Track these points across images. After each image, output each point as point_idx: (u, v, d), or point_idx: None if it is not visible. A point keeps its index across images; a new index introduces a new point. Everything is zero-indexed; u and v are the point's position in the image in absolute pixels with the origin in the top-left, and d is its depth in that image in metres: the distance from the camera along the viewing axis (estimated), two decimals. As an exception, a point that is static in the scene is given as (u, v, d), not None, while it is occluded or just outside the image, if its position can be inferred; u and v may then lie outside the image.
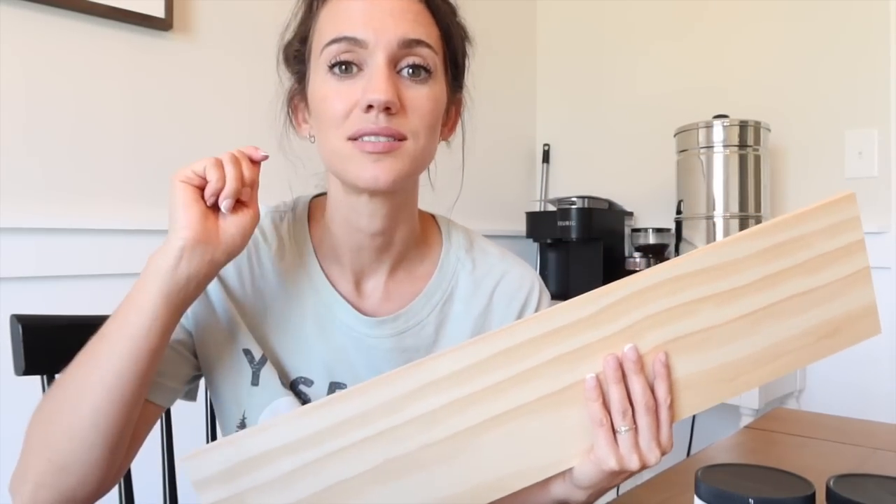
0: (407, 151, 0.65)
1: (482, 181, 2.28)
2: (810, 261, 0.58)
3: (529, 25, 2.52)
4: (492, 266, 0.79)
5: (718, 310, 0.58)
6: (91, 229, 1.34)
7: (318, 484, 0.56)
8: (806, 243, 0.58)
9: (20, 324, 0.80)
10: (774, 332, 0.59)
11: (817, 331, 0.59)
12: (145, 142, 1.45)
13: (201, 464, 0.55)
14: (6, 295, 1.23)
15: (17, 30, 1.27)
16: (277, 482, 0.55)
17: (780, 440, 0.99)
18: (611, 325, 0.57)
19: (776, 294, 0.58)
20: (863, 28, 1.86)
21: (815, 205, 0.58)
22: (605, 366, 0.57)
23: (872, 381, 1.85)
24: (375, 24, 0.64)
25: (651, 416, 0.58)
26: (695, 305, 0.57)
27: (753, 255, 0.57)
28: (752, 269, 0.57)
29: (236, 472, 0.55)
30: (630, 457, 0.58)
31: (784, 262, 0.58)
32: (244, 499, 0.55)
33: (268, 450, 0.55)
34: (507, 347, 0.56)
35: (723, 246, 0.57)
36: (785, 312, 0.58)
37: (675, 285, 0.57)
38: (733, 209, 1.82)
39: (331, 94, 0.65)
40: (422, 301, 0.75)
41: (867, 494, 0.50)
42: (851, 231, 0.59)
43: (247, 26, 1.60)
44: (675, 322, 0.58)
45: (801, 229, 0.58)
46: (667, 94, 2.21)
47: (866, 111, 1.85)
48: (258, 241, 0.74)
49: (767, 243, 0.57)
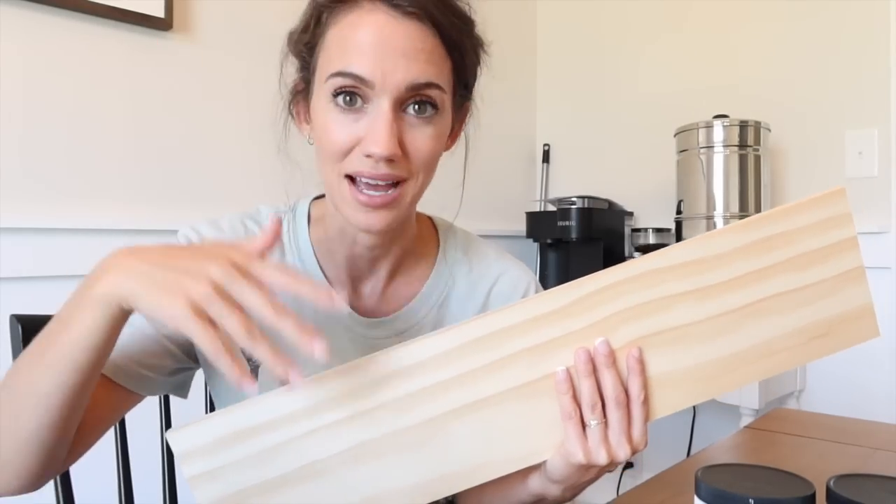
0: (404, 195, 0.65)
1: (482, 181, 2.28)
2: (798, 257, 0.56)
3: (529, 25, 2.52)
4: (488, 267, 0.80)
5: (699, 305, 0.56)
6: (90, 229, 1.34)
7: (294, 462, 0.57)
8: (793, 239, 0.56)
9: (20, 324, 0.80)
10: (760, 330, 0.57)
11: (808, 331, 0.57)
12: (145, 141, 1.45)
13: (185, 437, 0.56)
14: (6, 295, 1.23)
15: (17, 30, 1.27)
16: (255, 458, 0.57)
17: (780, 440, 0.99)
18: (584, 318, 0.56)
19: (761, 291, 0.56)
20: (863, 28, 1.86)
21: (804, 200, 0.56)
22: (575, 359, 0.56)
23: (872, 381, 1.85)
24: (386, 66, 0.61)
25: (622, 411, 0.57)
26: (673, 300, 0.56)
27: (737, 249, 0.55)
28: (734, 264, 0.55)
29: (217, 446, 0.56)
30: (598, 451, 0.58)
31: (770, 257, 0.56)
32: (224, 473, 0.57)
33: (247, 426, 0.56)
34: (480, 336, 0.56)
35: (704, 240, 0.56)
36: (771, 310, 0.56)
37: (653, 279, 0.55)
38: (733, 209, 1.82)
39: (332, 127, 0.64)
40: (419, 302, 0.76)
41: (867, 494, 0.50)
42: (842, 228, 0.56)
43: (247, 26, 1.60)
44: (652, 317, 0.56)
45: (788, 224, 0.56)
46: (667, 93, 2.21)
47: (866, 111, 1.85)
48: None
49: (752, 238, 0.56)
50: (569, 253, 2.22)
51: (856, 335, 0.58)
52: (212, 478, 0.57)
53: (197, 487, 0.57)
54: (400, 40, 0.62)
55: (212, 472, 0.57)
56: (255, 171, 1.59)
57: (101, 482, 1.04)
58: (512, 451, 0.59)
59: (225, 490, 0.57)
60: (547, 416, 0.58)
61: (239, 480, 0.57)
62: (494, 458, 0.59)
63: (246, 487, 0.57)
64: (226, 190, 1.57)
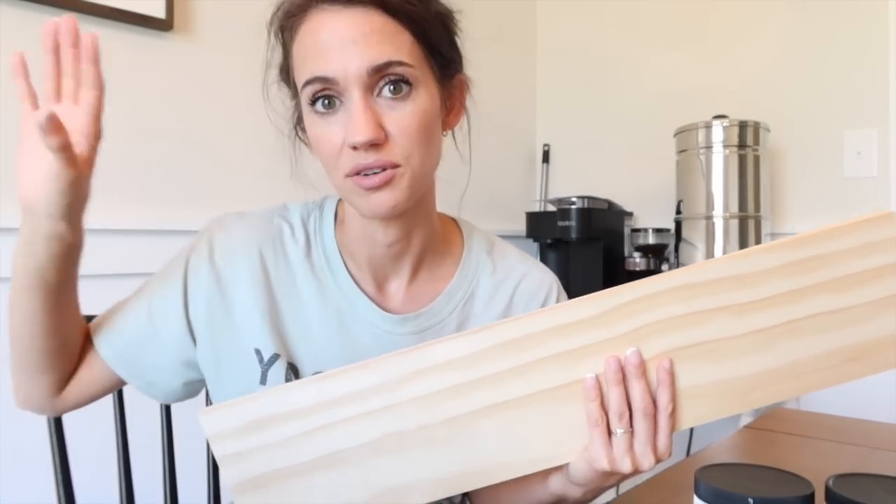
0: (403, 177, 0.65)
1: (482, 181, 2.28)
2: (837, 280, 0.55)
3: (529, 25, 2.52)
4: (512, 268, 0.81)
5: (733, 322, 0.56)
6: (90, 229, 1.33)
7: (320, 449, 0.59)
8: (833, 260, 0.55)
9: (21, 324, 0.80)
10: (793, 350, 0.56)
11: (841, 353, 0.57)
12: (146, 142, 1.45)
13: (217, 419, 0.59)
14: (6, 295, 1.23)
15: (17, 30, 1.27)
16: (283, 443, 0.59)
17: (780, 440, 0.99)
18: (617, 327, 0.56)
19: (797, 311, 0.56)
20: (862, 29, 1.86)
21: (849, 221, 0.55)
22: (606, 367, 0.57)
23: (872, 381, 1.84)
24: (342, 59, 0.63)
25: (649, 422, 0.58)
26: (707, 315, 0.56)
27: (776, 268, 0.55)
28: (772, 282, 0.55)
29: (247, 429, 0.59)
30: (623, 460, 0.58)
31: (809, 278, 0.55)
32: (252, 455, 0.59)
33: (276, 413, 0.59)
34: (511, 338, 0.57)
35: (743, 257, 0.55)
36: (805, 331, 0.56)
37: (689, 293, 0.56)
38: (733, 209, 1.82)
39: (319, 135, 0.66)
40: (443, 300, 0.77)
41: (867, 494, 0.50)
42: (885, 252, 0.55)
43: (247, 27, 1.60)
44: (685, 330, 0.56)
45: (830, 246, 0.55)
46: (666, 94, 2.21)
47: (865, 111, 1.86)
48: (286, 236, 0.76)
49: (792, 258, 0.55)
50: (569, 253, 2.22)
51: (883, 363, 0.57)
52: (240, 459, 0.59)
53: (226, 467, 0.59)
54: (347, 30, 0.63)
55: (240, 454, 0.59)
56: (256, 171, 1.59)
57: (101, 482, 1.04)
58: (536, 453, 0.60)
59: (251, 471, 0.59)
60: (573, 420, 0.59)
61: (266, 463, 0.59)
62: (518, 458, 0.59)
63: (272, 470, 0.59)
64: (226, 190, 1.57)
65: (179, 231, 1.45)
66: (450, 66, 0.72)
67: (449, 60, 0.71)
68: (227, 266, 0.73)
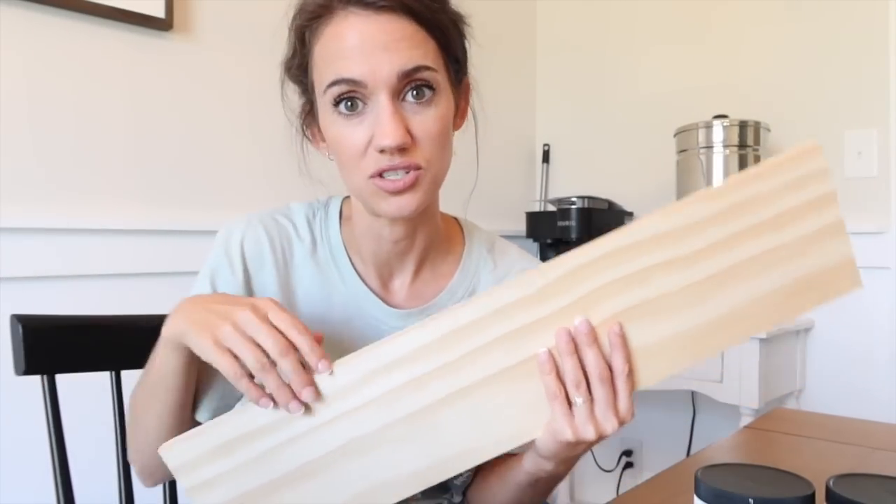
0: (425, 180, 0.67)
1: (482, 181, 2.27)
2: (774, 218, 0.55)
3: (529, 25, 2.51)
4: (512, 265, 0.83)
5: (676, 275, 0.55)
6: (91, 229, 1.34)
7: (287, 464, 0.59)
8: (767, 200, 0.55)
9: (20, 324, 0.80)
10: (740, 293, 0.56)
11: (789, 288, 0.56)
12: (146, 142, 1.45)
13: (178, 451, 0.59)
14: (7, 295, 1.23)
15: (17, 30, 1.26)
16: (249, 464, 0.59)
17: (780, 440, 0.99)
18: (562, 298, 0.57)
19: (737, 255, 0.55)
20: (862, 29, 1.86)
21: (777, 158, 0.55)
22: (557, 339, 0.58)
23: (872, 381, 1.85)
24: (372, 62, 0.63)
25: (607, 387, 0.58)
26: (650, 272, 0.55)
27: (710, 217, 0.55)
28: (709, 231, 0.55)
29: (211, 456, 0.59)
30: (585, 427, 0.59)
31: (745, 221, 0.55)
32: (220, 481, 0.59)
33: (241, 433, 0.59)
34: (460, 325, 0.57)
35: (677, 211, 0.55)
36: (750, 273, 0.55)
37: (628, 254, 0.55)
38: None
39: (342, 136, 0.66)
40: (446, 296, 0.79)
41: (867, 494, 0.50)
42: (819, 184, 0.55)
43: (247, 26, 1.60)
44: (631, 290, 0.56)
45: (762, 186, 0.55)
46: (667, 94, 2.21)
47: (866, 111, 1.86)
48: (291, 237, 0.77)
49: (725, 204, 0.55)
50: (569, 253, 2.22)
51: (837, 289, 0.57)
52: (209, 487, 0.59)
53: (196, 498, 0.59)
54: (379, 35, 0.64)
55: (209, 482, 0.59)
56: (257, 171, 1.59)
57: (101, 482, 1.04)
58: (502, 433, 0.60)
59: (224, 497, 0.59)
60: (533, 396, 0.59)
61: (235, 487, 0.59)
62: (485, 442, 0.60)
63: (243, 493, 0.59)
64: (227, 190, 1.57)
65: (179, 231, 1.45)
66: (461, 70, 0.74)
67: (461, 65, 0.74)
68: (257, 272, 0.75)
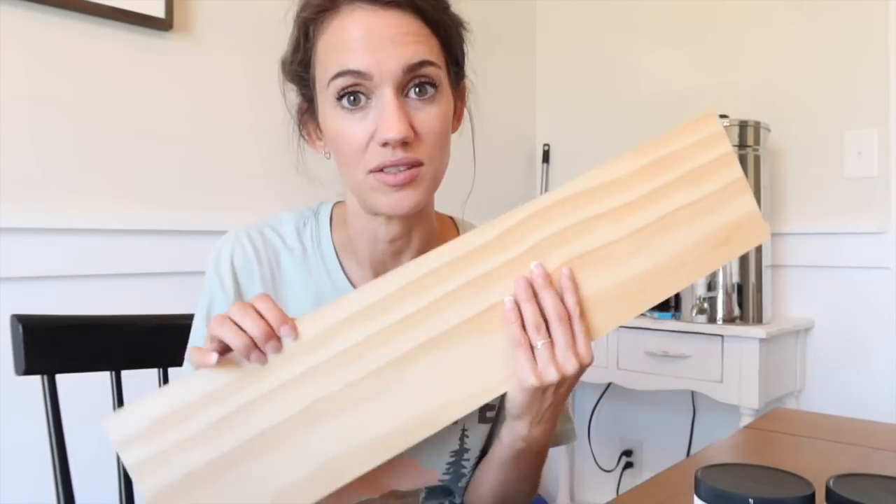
0: (425, 177, 0.67)
1: (482, 181, 2.27)
2: (688, 174, 0.64)
3: (529, 25, 2.51)
4: None
5: (613, 226, 0.62)
6: (91, 229, 1.34)
7: (244, 433, 0.55)
8: (679, 158, 0.64)
9: (20, 324, 0.80)
10: (671, 243, 0.63)
11: (710, 239, 0.64)
12: (146, 141, 1.45)
13: (122, 421, 0.54)
14: (7, 295, 1.23)
15: (18, 30, 1.26)
16: (203, 434, 0.54)
17: (780, 440, 0.99)
18: (514, 248, 0.61)
19: (664, 207, 0.63)
20: (862, 29, 1.86)
21: (678, 126, 0.65)
22: (516, 286, 0.60)
23: (872, 381, 1.85)
24: (378, 55, 0.64)
25: (565, 326, 0.61)
26: (590, 223, 0.62)
27: (634, 172, 0.63)
28: (635, 185, 0.63)
29: (160, 427, 0.54)
30: (548, 370, 0.61)
31: (665, 177, 0.63)
32: (169, 456, 0.54)
33: (191, 401, 0.54)
34: (417, 277, 0.59)
35: (605, 167, 0.63)
36: (678, 223, 0.63)
37: (568, 205, 0.62)
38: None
39: (344, 130, 0.66)
40: None
41: (867, 494, 0.50)
42: (718, 145, 0.64)
43: (247, 26, 1.60)
44: (575, 240, 0.62)
45: (671, 146, 0.64)
46: (667, 93, 2.21)
47: (866, 111, 1.85)
48: (279, 249, 0.77)
49: (645, 161, 0.63)
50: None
51: (750, 239, 0.65)
52: (156, 463, 0.54)
53: (140, 477, 0.54)
54: (386, 29, 0.65)
55: (156, 457, 0.54)
56: (257, 171, 1.59)
57: (101, 482, 1.04)
58: (466, 390, 0.60)
59: (172, 475, 0.54)
60: (496, 349, 0.61)
61: (186, 462, 0.54)
62: (450, 399, 0.60)
63: (194, 469, 0.54)
64: (227, 190, 1.57)
65: (179, 231, 1.45)
66: (460, 72, 0.74)
67: (460, 67, 0.74)
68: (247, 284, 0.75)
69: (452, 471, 0.79)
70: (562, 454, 2.33)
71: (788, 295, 1.99)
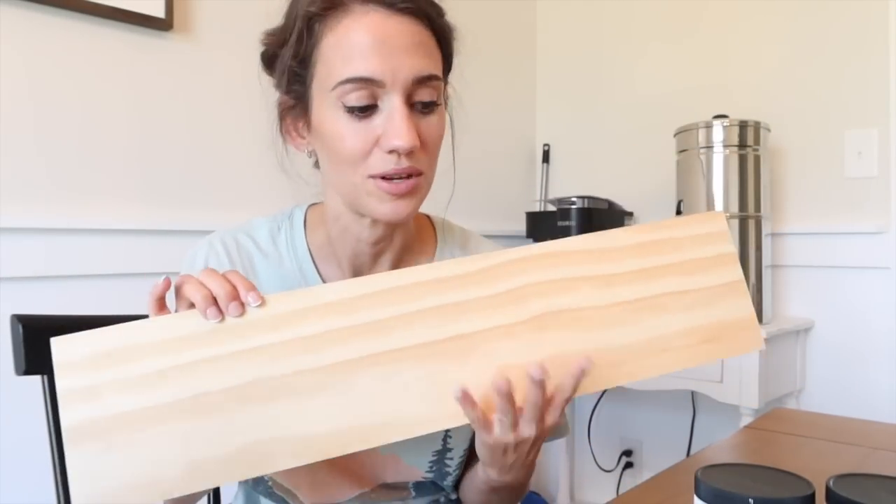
0: (422, 186, 0.68)
1: (482, 181, 2.28)
2: (684, 263, 0.63)
3: (529, 25, 2.51)
4: None
5: (599, 291, 0.61)
6: (92, 229, 1.34)
7: (181, 391, 0.54)
8: (678, 245, 0.63)
9: (20, 324, 0.80)
10: (655, 325, 0.62)
11: (697, 333, 0.62)
12: (146, 141, 1.45)
13: (69, 344, 0.54)
14: (9, 295, 1.23)
15: (18, 30, 1.26)
16: (139, 380, 0.53)
17: (780, 440, 0.99)
18: (495, 286, 0.60)
19: (652, 288, 0.62)
20: (862, 28, 1.86)
21: (684, 216, 0.64)
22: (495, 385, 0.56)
23: (872, 381, 1.85)
24: (393, 63, 0.63)
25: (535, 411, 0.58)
26: (576, 283, 0.61)
27: (630, 246, 0.62)
28: (628, 259, 0.62)
29: (102, 362, 0.53)
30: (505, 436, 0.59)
31: (659, 258, 0.62)
32: (101, 391, 0.53)
33: (139, 343, 0.54)
34: (395, 286, 0.58)
35: (602, 234, 0.63)
36: (664, 307, 0.62)
37: (558, 259, 0.61)
38: (733, 209, 1.82)
39: (348, 134, 0.65)
40: None
41: (867, 494, 0.50)
42: (721, 243, 0.64)
43: (247, 26, 1.60)
44: (558, 295, 0.60)
45: (672, 232, 0.63)
46: (667, 94, 2.21)
47: (866, 111, 1.85)
48: (253, 254, 0.77)
49: (643, 238, 0.63)
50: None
51: (742, 345, 0.63)
52: (86, 395, 0.53)
53: (67, 405, 0.53)
54: (399, 37, 0.64)
55: (88, 389, 0.53)
56: (257, 171, 1.59)
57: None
58: (415, 413, 0.58)
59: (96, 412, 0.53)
60: (450, 382, 0.58)
61: (114, 403, 0.53)
62: (396, 419, 0.57)
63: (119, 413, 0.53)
64: (227, 189, 1.57)
65: (180, 231, 1.45)
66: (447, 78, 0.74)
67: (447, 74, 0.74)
68: None
69: (436, 469, 0.79)
70: (562, 454, 2.33)
71: (788, 295, 1.99)
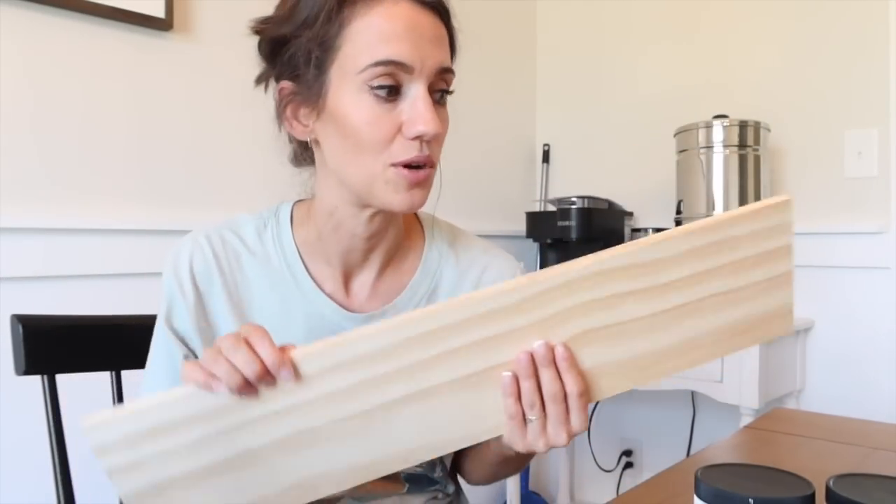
0: (432, 177, 0.69)
1: (482, 181, 2.28)
2: (741, 261, 0.59)
3: (529, 25, 2.51)
4: (475, 258, 0.82)
5: (641, 304, 0.58)
6: (92, 229, 1.34)
7: (226, 452, 0.56)
8: (734, 246, 0.59)
9: (20, 324, 0.80)
10: (694, 327, 0.60)
11: (732, 328, 0.60)
12: (146, 141, 1.45)
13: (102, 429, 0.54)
14: (9, 295, 1.23)
15: (18, 30, 1.26)
16: (183, 450, 0.55)
17: (780, 440, 0.99)
18: (534, 314, 0.57)
19: (699, 292, 0.59)
20: (862, 28, 1.86)
21: (752, 207, 0.58)
22: (517, 361, 0.58)
23: (872, 381, 1.85)
24: (422, 51, 0.65)
25: (560, 406, 0.59)
26: (620, 299, 0.58)
27: (684, 253, 0.58)
28: (680, 268, 0.58)
29: (140, 439, 0.55)
30: (536, 442, 0.60)
31: (711, 262, 0.59)
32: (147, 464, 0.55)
33: (174, 418, 0.55)
34: (427, 330, 0.56)
35: (655, 244, 0.59)
36: (707, 309, 0.59)
37: (603, 278, 0.58)
38: (733, 209, 1.81)
39: (373, 119, 0.66)
40: (407, 295, 0.78)
41: (867, 494, 0.50)
42: (781, 236, 0.59)
43: (247, 26, 1.60)
44: (597, 314, 0.58)
45: (731, 231, 0.58)
46: (667, 94, 2.21)
47: (866, 111, 1.85)
48: (240, 252, 0.76)
49: (700, 243, 0.58)
50: (569, 253, 2.22)
51: (771, 331, 0.62)
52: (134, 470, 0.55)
53: (118, 480, 0.55)
54: (428, 28, 0.67)
55: (133, 465, 0.55)
56: (257, 171, 1.59)
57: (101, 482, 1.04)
58: (452, 435, 0.60)
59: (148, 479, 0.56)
60: (488, 404, 0.59)
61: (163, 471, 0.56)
62: (433, 443, 0.60)
63: (171, 476, 0.56)
64: (227, 189, 1.57)
65: (180, 231, 1.45)
66: None
67: None
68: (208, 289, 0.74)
69: (426, 462, 0.79)
70: (562, 454, 2.33)
71: (788, 295, 1.99)
